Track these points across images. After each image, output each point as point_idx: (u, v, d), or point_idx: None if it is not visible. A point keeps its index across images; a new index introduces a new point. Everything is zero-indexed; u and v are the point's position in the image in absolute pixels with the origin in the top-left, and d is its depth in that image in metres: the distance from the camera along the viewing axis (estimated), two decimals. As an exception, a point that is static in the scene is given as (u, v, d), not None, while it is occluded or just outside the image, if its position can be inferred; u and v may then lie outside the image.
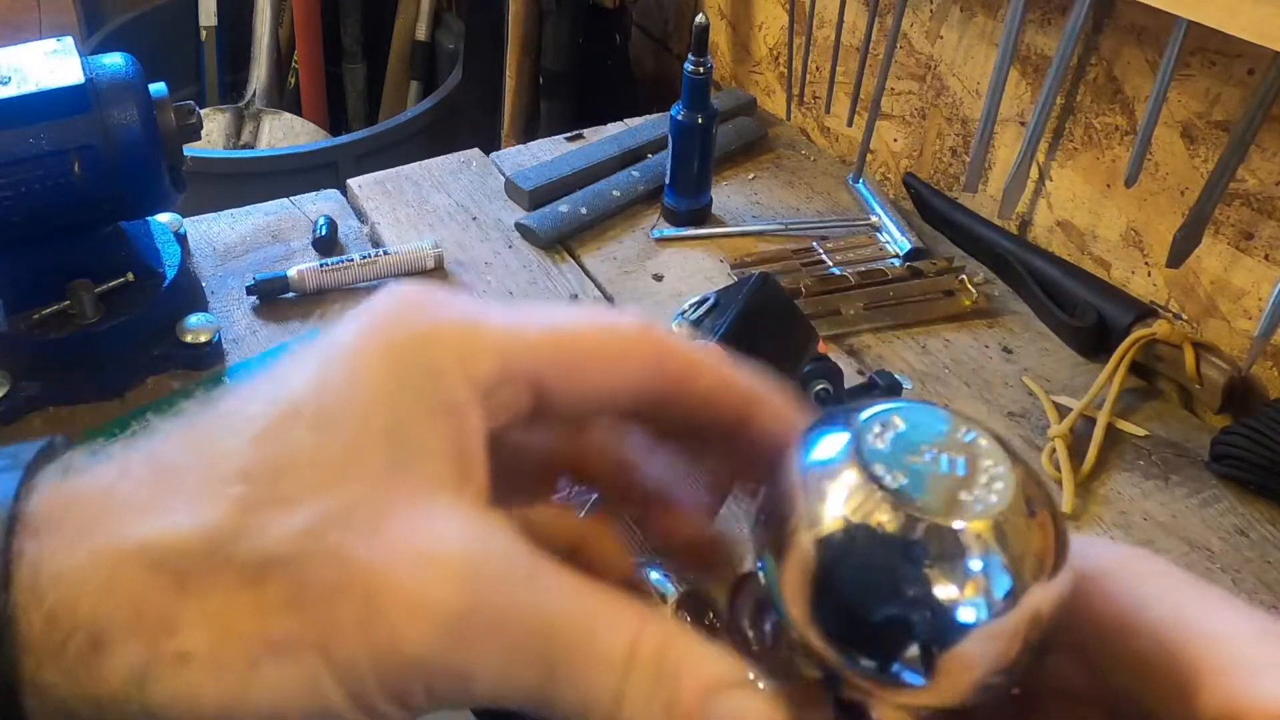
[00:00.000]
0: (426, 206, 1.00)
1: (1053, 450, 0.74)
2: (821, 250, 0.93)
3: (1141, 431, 0.77)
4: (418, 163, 1.06)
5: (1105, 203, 0.86)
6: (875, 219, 0.98)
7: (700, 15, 0.86)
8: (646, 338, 0.25)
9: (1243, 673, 0.21)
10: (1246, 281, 0.77)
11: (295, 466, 0.21)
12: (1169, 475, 0.74)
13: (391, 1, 1.88)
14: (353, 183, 1.03)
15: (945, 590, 0.20)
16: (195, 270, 0.89)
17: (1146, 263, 0.85)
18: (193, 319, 0.79)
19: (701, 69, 0.89)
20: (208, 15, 1.90)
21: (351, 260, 0.87)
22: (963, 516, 0.21)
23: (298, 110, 1.90)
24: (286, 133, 1.84)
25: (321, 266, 0.86)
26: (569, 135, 1.12)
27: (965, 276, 0.89)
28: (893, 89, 1.03)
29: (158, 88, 0.72)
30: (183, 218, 0.90)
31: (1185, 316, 0.83)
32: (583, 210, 0.97)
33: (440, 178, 1.04)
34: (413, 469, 0.22)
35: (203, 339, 0.78)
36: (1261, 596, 0.65)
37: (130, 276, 0.77)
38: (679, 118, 0.92)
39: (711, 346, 0.57)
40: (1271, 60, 0.65)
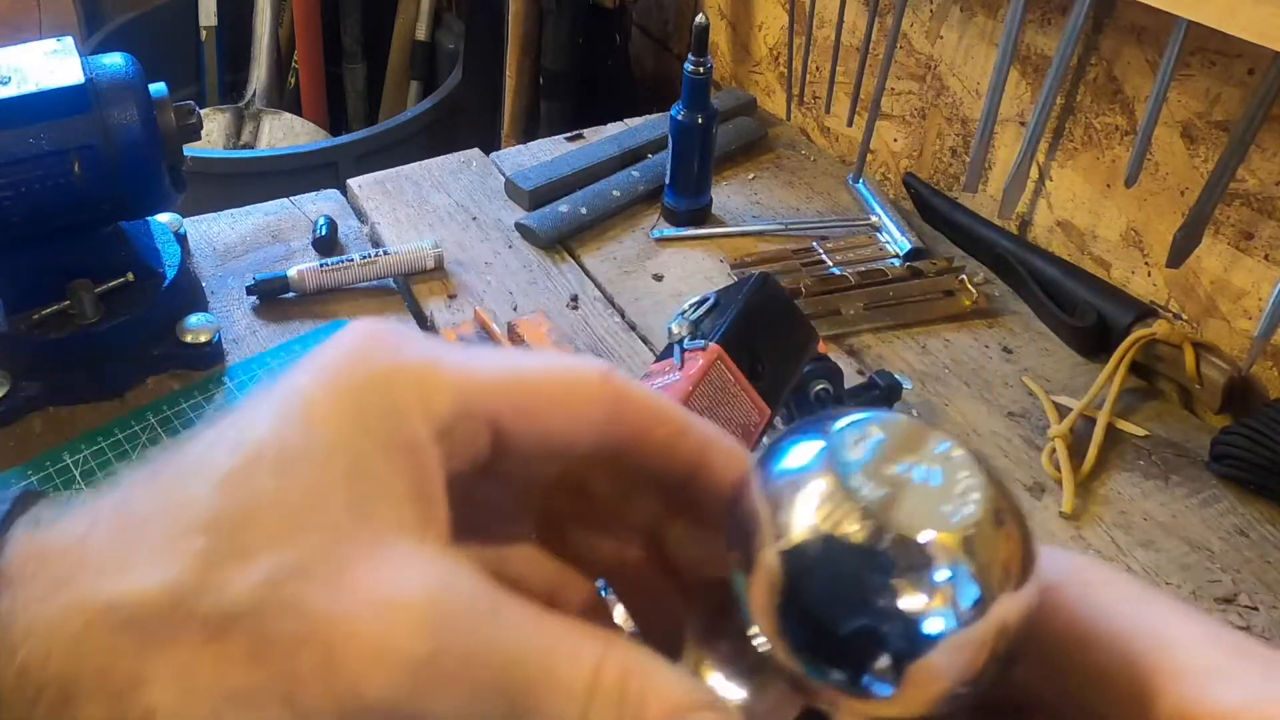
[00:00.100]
0: (426, 206, 1.00)
1: (1053, 450, 0.74)
2: (821, 250, 0.93)
3: (1141, 431, 0.77)
4: (418, 163, 1.06)
5: (1105, 203, 0.86)
6: (875, 219, 0.98)
7: (700, 15, 0.86)
8: (606, 385, 0.25)
9: (1196, 679, 0.21)
10: (1246, 281, 0.77)
11: (257, 515, 0.21)
12: (1169, 475, 0.74)
13: (391, 1, 1.88)
14: (353, 183, 1.03)
15: (914, 601, 0.20)
16: (195, 270, 0.89)
17: (1146, 263, 0.85)
18: (193, 319, 0.79)
19: (701, 69, 0.89)
20: (208, 15, 1.90)
21: (351, 260, 0.87)
22: (938, 528, 0.21)
23: (298, 110, 1.90)
24: (286, 133, 1.84)
25: (321, 266, 0.86)
26: (569, 135, 1.12)
27: (965, 276, 0.89)
28: (893, 89, 1.03)
29: (158, 88, 0.72)
30: (183, 218, 0.90)
31: (1185, 316, 0.83)
32: (583, 210, 0.97)
33: (440, 178, 1.04)
34: (374, 511, 0.22)
35: (203, 339, 0.78)
36: (1262, 596, 0.65)
37: (130, 276, 0.77)
38: (679, 118, 0.92)
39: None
40: (1271, 60, 0.65)
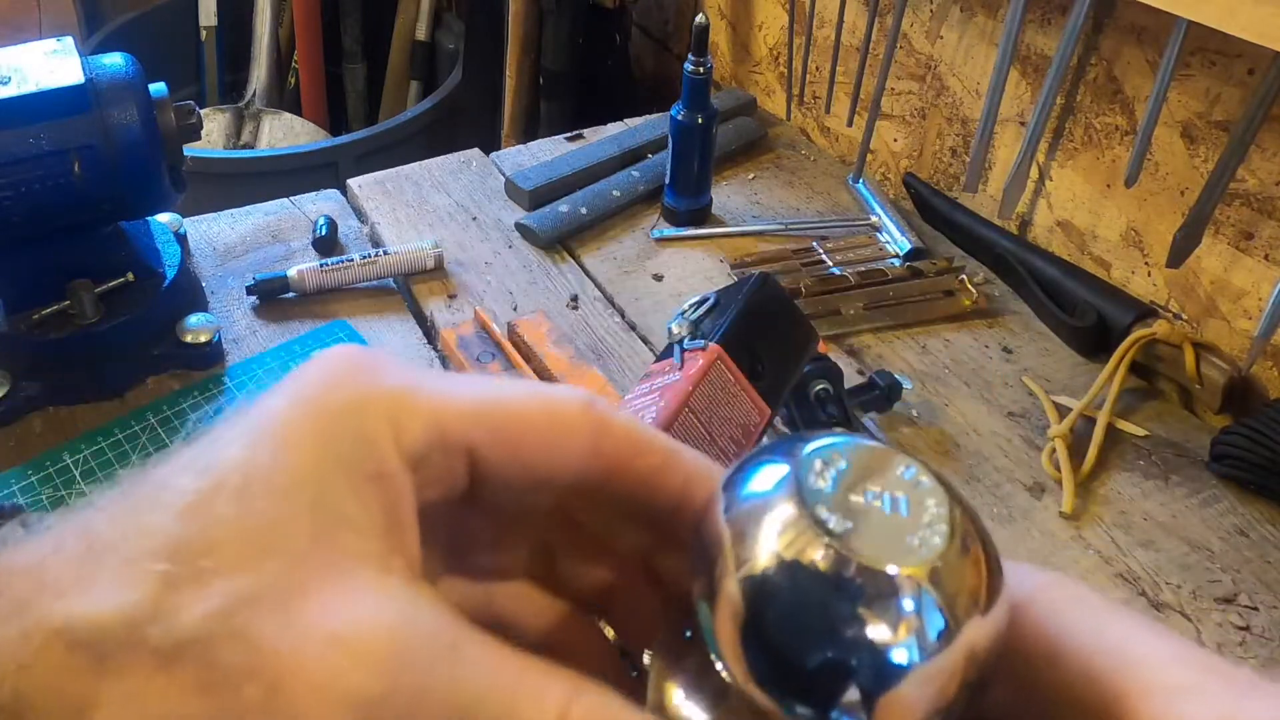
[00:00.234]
0: (426, 206, 1.00)
1: (1053, 450, 0.74)
2: (821, 250, 0.93)
3: (1141, 431, 0.77)
4: (418, 163, 1.06)
5: (1105, 203, 0.86)
6: (875, 219, 0.98)
7: (700, 15, 0.86)
8: (587, 415, 0.25)
9: (1167, 697, 0.21)
10: (1246, 281, 0.77)
11: (218, 542, 0.21)
12: (1169, 475, 0.74)
13: (391, 1, 1.88)
14: (353, 183, 1.03)
15: (881, 632, 0.20)
16: (195, 270, 0.89)
17: (1146, 263, 0.85)
18: (193, 319, 0.79)
19: (701, 69, 0.89)
20: (208, 15, 1.90)
21: (351, 260, 0.87)
22: (904, 558, 0.20)
23: (298, 110, 1.90)
24: (286, 133, 1.85)
25: (321, 266, 0.86)
26: (569, 135, 1.12)
27: (965, 276, 0.89)
28: (893, 89, 1.03)
29: (158, 88, 0.72)
30: (183, 218, 0.90)
31: (1185, 316, 0.83)
32: (583, 210, 0.97)
33: (440, 178, 1.04)
34: (337, 541, 0.21)
35: (203, 339, 0.78)
36: (1262, 596, 0.65)
37: (130, 276, 0.77)
38: (679, 118, 0.92)
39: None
40: (1271, 60, 0.65)
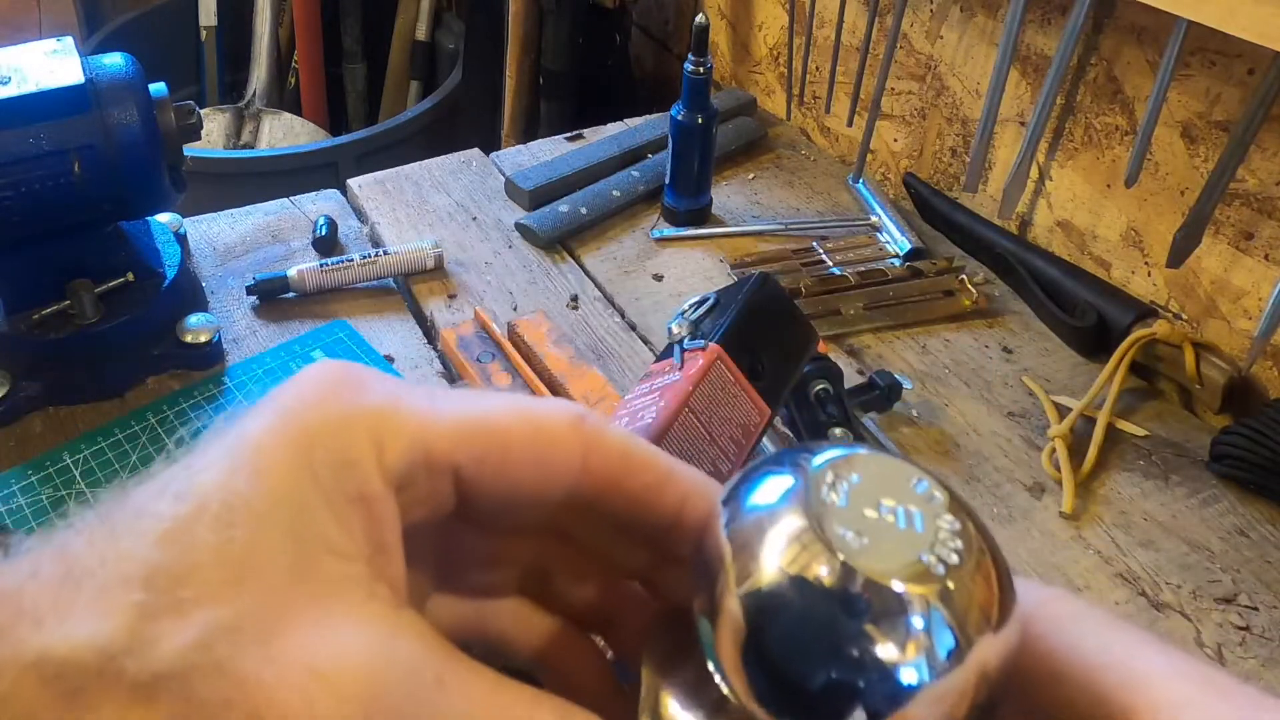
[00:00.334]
0: (426, 206, 1.00)
1: (1053, 450, 0.74)
2: (821, 250, 0.93)
3: (1141, 431, 0.77)
4: (418, 163, 1.06)
5: (1105, 203, 0.86)
6: (875, 219, 0.98)
7: (700, 15, 0.86)
8: (577, 432, 0.24)
9: (1171, 714, 0.21)
10: (1246, 281, 0.77)
11: (197, 570, 0.20)
12: (1169, 475, 0.74)
13: (391, 1, 1.88)
14: (353, 183, 1.03)
15: (890, 651, 0.20)
16: (195, 270, 0.89)
17: (1146, 263, 0.85)
18: (193, 319, 0.79)
19: (701, 69, 0.89)
20: (208, 15, 1.90)
21: (351, 260, 0.87)
22: (918, 577, 0.20)
23: (298, 110, 1.90)
24: (286, 133, 1.85)
25: (321, 266, 0.86)
26: (569, 135, 1.12)
27: (965, 276, 0.89)
28: (893, 89, 1.03)
29: (158, 88, 0.72)
30: (183, 218, 0.90)
31: (1185, 316, 0.83)
32: (583, 210, 0.97)
33: (440, 178, 1.04)
34: (317, 568, 0.21)
35: (203, 339, 0.78)
36: (1262, 596, 0.65)
37: (130, 276, 0.77)
38: (679, 118, 0.92)
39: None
40: (1271, 60, 0.65)
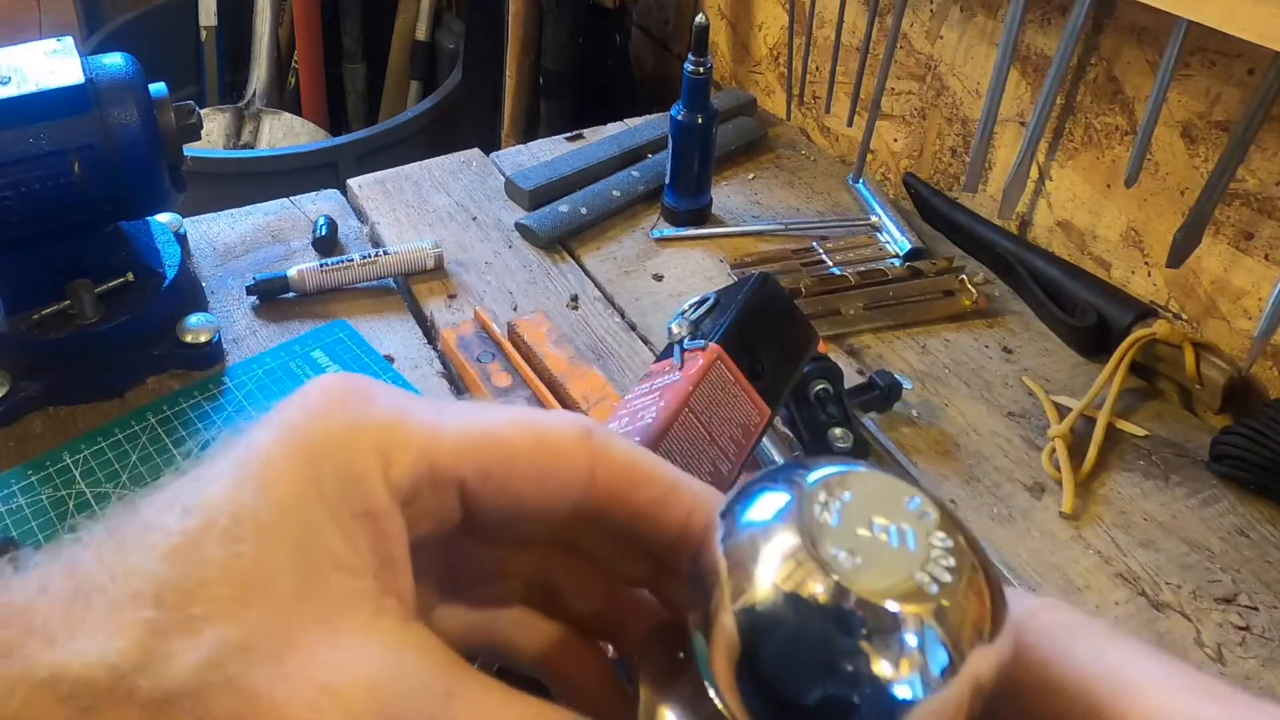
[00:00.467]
0: (426, 206, 1.00)
1: (1053, 450, 0.74)
2: (821, 250, 0.93)
3: (1141, 431, 0.77)
4: (418, 163, 1.06)
5: (1105, 203, 0.86)
6: (875, 219, 0.98)
7: (700, 15, 0.86)
8: (584, 445, 0.24)
9: None
10: (1246, 281, 0.77)
11: (206, 586, 0.20)
12: (1169, 475, 0.74)
13: (391, 1, 1.88)
14: (353, 183, 1.03)
15: (884, 667, 0.19)
16: (195, 270, 0.89)
17: (1146, 263, 0.85)
18: (193, 319, 0.79)
19: (701, 69, 0.89)
20: (208, 15, 1.90)
21: (351, 260, 0.87)
22: (911, 596, 0.20)
23: (298, 110, 1.90)
24: (286, 133, 1.85)
25: (321, 266, 0.86)
26: (569, 135, 1.12)
27: (965, 276, 0.89)
28: (893, 89, 1.03)
29: (158, 88, 0.72)
30: (183, 218, 0.90)
31: (1185, 316, 0.83)
32: (583, 210, 0.97)
33: (440, 178, 1.04)
34: (325, 584, 0.21)
35: (203, 339, 0.78)
36: (1262, 596, 0.65)
37: (130, 276, 0.77)
38: (679, 118, 0.92)
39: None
40: (1271, 60, 0.65)
